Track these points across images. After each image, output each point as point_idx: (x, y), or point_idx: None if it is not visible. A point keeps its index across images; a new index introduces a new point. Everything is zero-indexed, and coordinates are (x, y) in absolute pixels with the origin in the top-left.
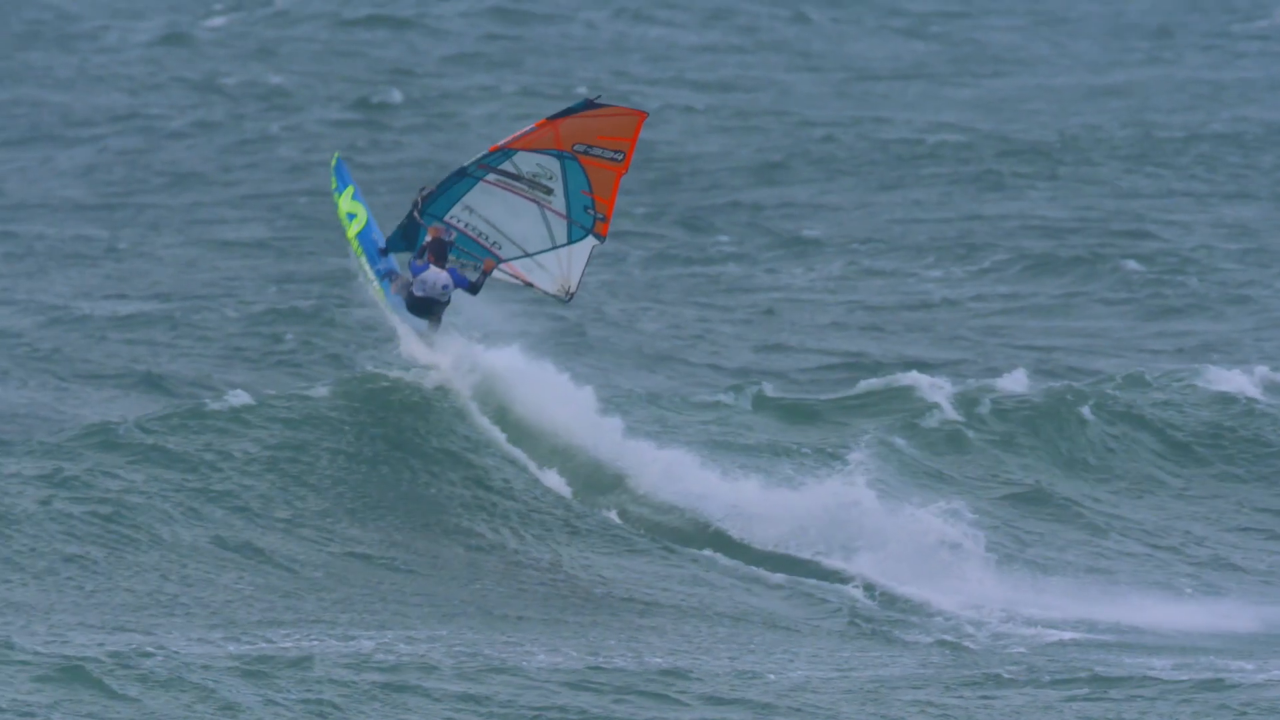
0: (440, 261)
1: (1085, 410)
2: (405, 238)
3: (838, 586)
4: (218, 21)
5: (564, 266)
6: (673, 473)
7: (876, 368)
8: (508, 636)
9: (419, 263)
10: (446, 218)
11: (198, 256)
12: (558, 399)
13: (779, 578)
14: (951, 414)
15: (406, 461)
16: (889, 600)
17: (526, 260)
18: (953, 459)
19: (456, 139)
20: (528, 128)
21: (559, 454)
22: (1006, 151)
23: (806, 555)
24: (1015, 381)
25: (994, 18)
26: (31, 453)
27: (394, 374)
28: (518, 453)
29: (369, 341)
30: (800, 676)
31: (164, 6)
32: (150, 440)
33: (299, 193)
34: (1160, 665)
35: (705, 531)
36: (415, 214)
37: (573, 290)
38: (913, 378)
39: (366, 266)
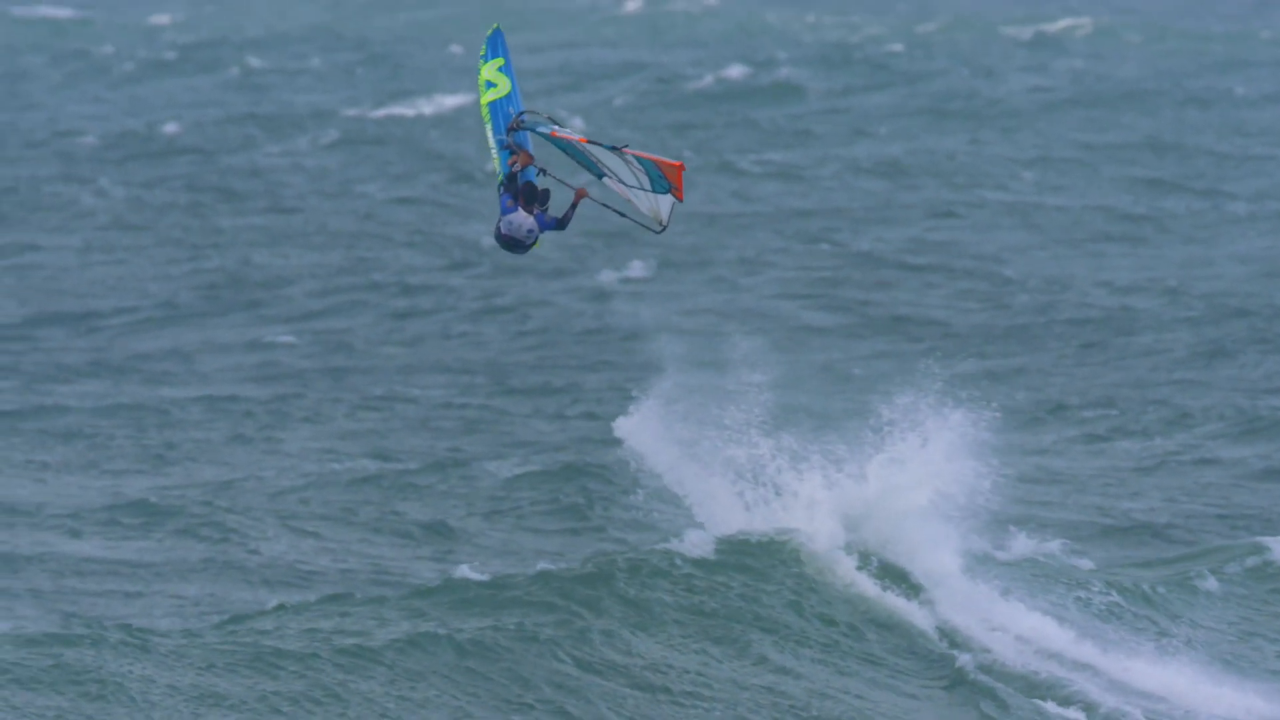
0: (528, 205)
1: None
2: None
3: None
4: None
5: (653, 203)
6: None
7: None
8: None
9: (509, 203)
10: (552, 131)
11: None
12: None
13: None
14: None
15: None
16: None
17: (619, 186)
18: None
19: None
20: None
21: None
22: None
23: None
24: None
25: None
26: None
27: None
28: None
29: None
30: None
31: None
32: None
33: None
34: None
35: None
36: (510, 137)
37: (665, 222)
38: None
39: (490, 136)
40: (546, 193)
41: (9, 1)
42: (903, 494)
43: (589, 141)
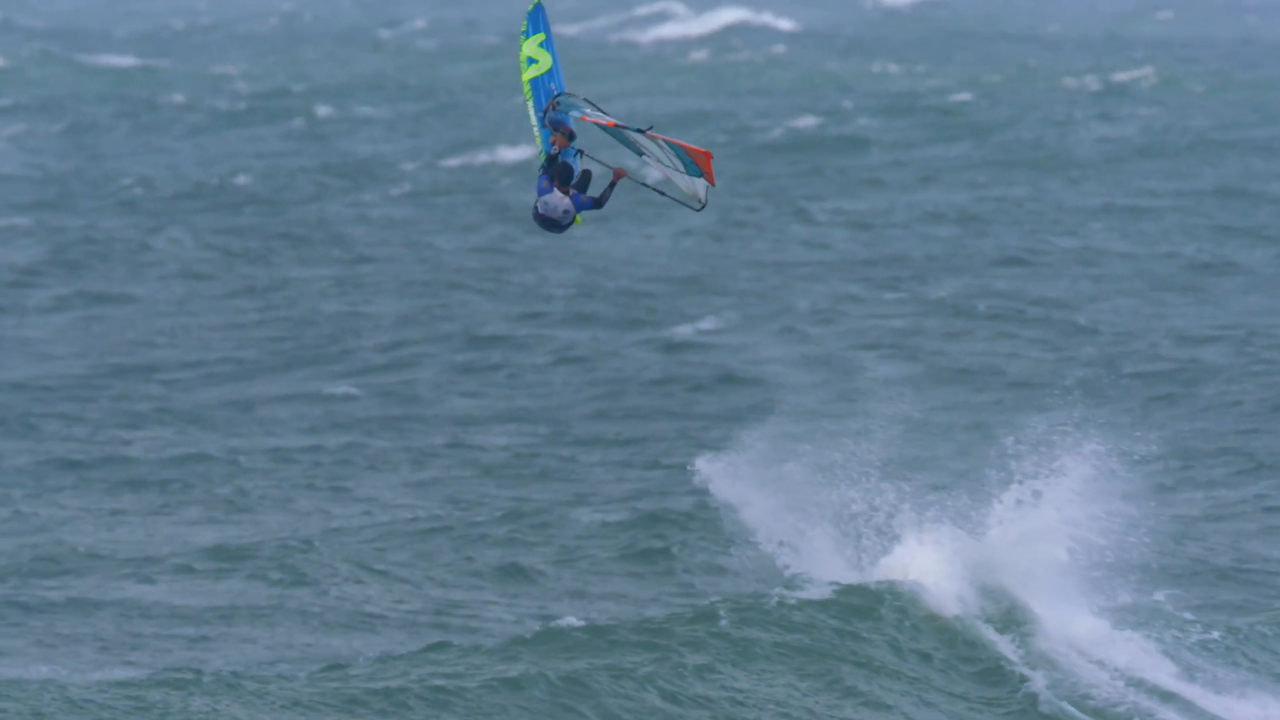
0: (564, 186)
1: None
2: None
3: None
4: None
5: (690, 183)
6: None
7: None
8: None
9: (544, 184)
10: (582, 116)
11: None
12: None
13: None
14: None
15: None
16: None
17: (658, 165)
18: None
19: None
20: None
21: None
22: None
23: None
24: None
25: None
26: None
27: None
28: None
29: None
30: None
31: None
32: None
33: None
34: None
35: None
36: (546, 119)
37: (703, 200)
38: None
39: (532, 112)
40: (586, 174)
41: (75, 49)
42: (996, 537)
43: (617, 125)
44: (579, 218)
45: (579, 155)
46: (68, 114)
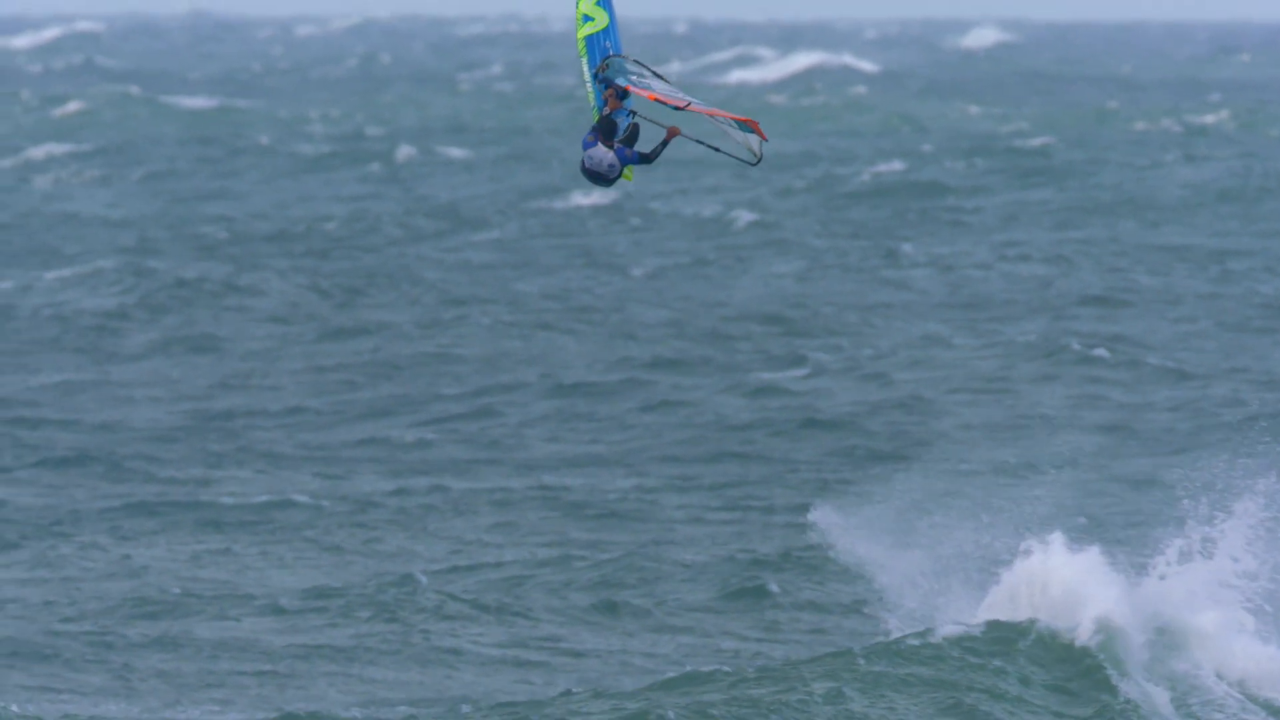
0: (608, 140)
1: None
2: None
3: None
4: None
5: (743, 138)
6: None
7: None
8: None
9: (589, 139)
10: (626, 86)
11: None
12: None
13: None
14: None
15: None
16: None
17: (713, 121)
18: None
19: None
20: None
21: None
22: None
23: None
24: None
25: None
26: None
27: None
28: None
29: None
30: None
31: None
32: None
33: None
34: None
35: None
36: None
37: (759, 155)
38: None
39: (586, 69)
40: (634, 128)
41: (154, 91)
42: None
43: (656, 99)
44: (628, 173)
45: (632, 115)
46: (148, 157)
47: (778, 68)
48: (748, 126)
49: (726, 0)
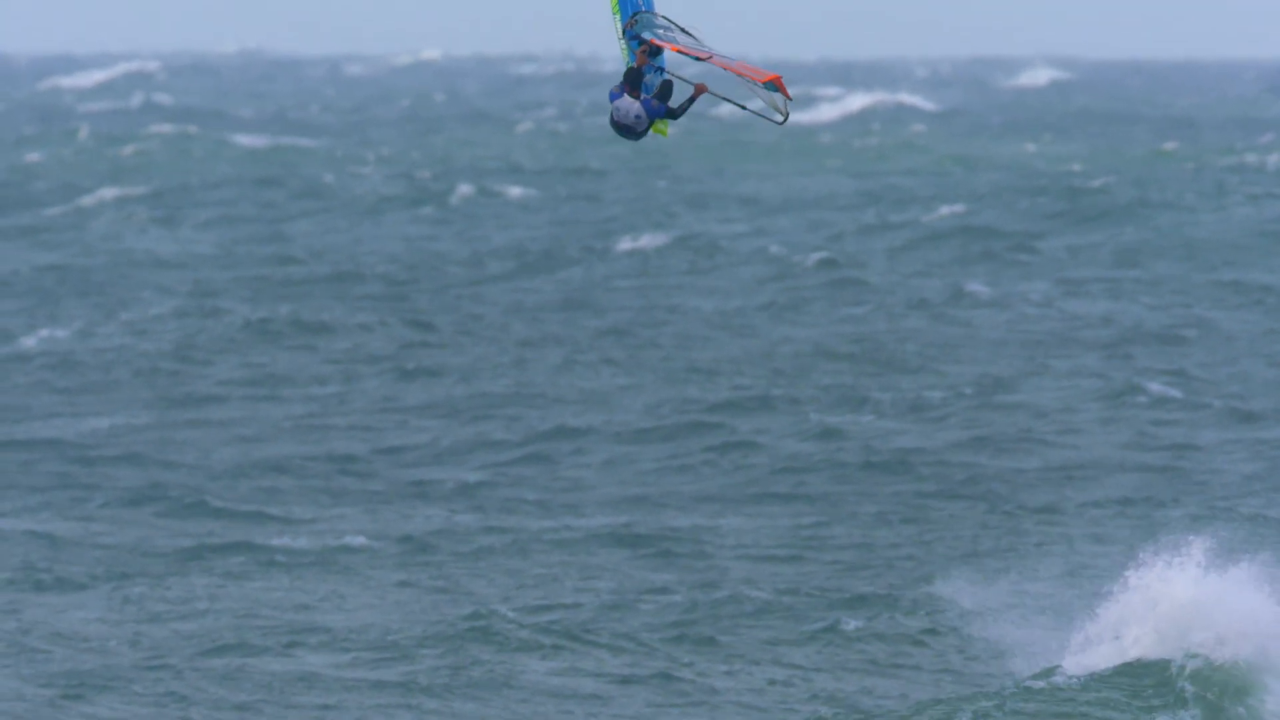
0: (635, 91)
1: None
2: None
3: None
4: None
5: (769, 98)
6: None
7: None
8: None
9: (615, 90)
10: (650, 39)
11: None
12: None
13: None
14: None
15: None
16: None
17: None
18: None
19: None
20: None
21: None
22: None
23: None
24: None
25: None
26: None
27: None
28: None
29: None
30: None
31: None
32: None
33: None
34: None
35: None
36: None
37: (784, 113)
38: None
39: (617, 24)
40: (667, 84)
41: (210, 130)
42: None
43: (679, 50)
44: (662, 128)
45: (662, 71)
46: (208, 198)
47: (837, 107)
48: (772, 85)
49: (779, 40)
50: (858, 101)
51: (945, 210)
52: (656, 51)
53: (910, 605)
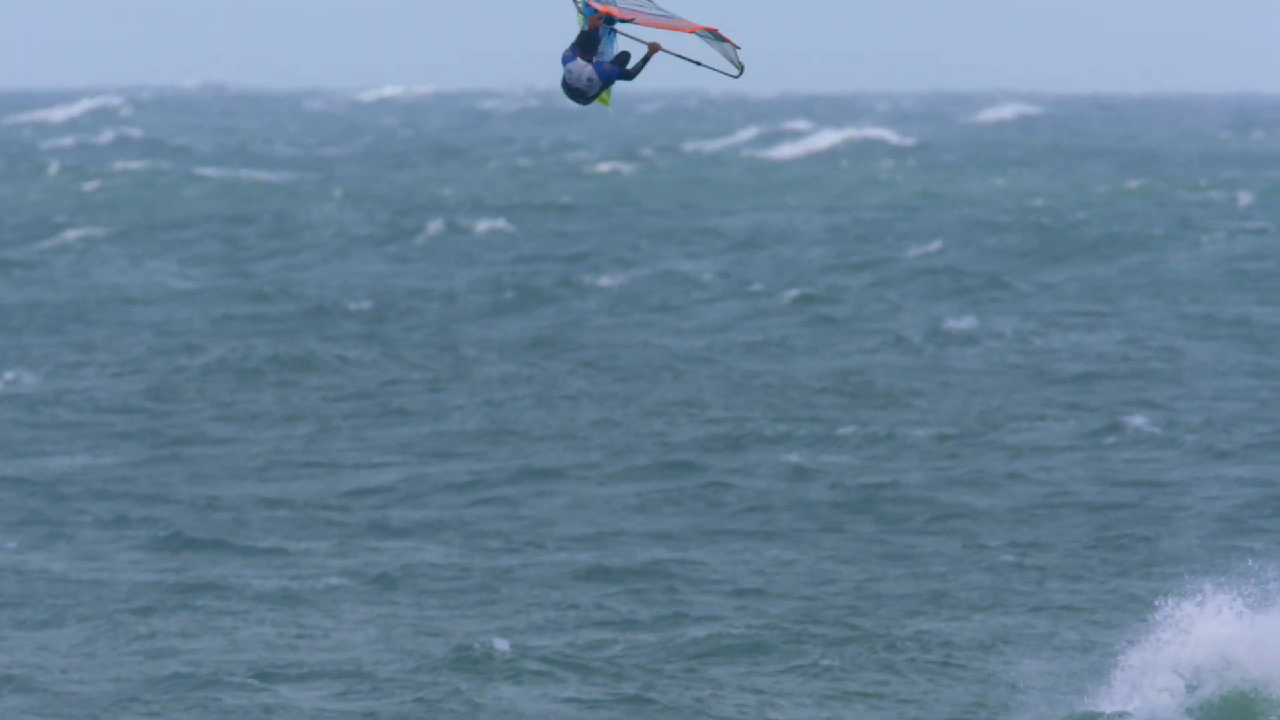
0: (587, 55)
1: None
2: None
3: None
4: None
5: (722, 49)
6: None
7: None
8: None
9: (567, 53)
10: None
11: None
12: None
13: None
14: None
15: None
16: None
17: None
18: None
19: None
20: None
21: None
22: None
23: None
24: None
25: None
26: None
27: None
28: None
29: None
30: None
31: None
32: None
33: None
34: None
35: None
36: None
37: (739, 65)
38: None
39: None
40: (625, 55)
41: (178, 166)
42: None
43: (607, 11)
44: (605, 98)
45: (614, 34)
46: (181, 234)
47: (803, 144)
48: (709, 34)
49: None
50: (826, 139)
51: (916, 248)
52: (597, 22)
53: (886, 641)
